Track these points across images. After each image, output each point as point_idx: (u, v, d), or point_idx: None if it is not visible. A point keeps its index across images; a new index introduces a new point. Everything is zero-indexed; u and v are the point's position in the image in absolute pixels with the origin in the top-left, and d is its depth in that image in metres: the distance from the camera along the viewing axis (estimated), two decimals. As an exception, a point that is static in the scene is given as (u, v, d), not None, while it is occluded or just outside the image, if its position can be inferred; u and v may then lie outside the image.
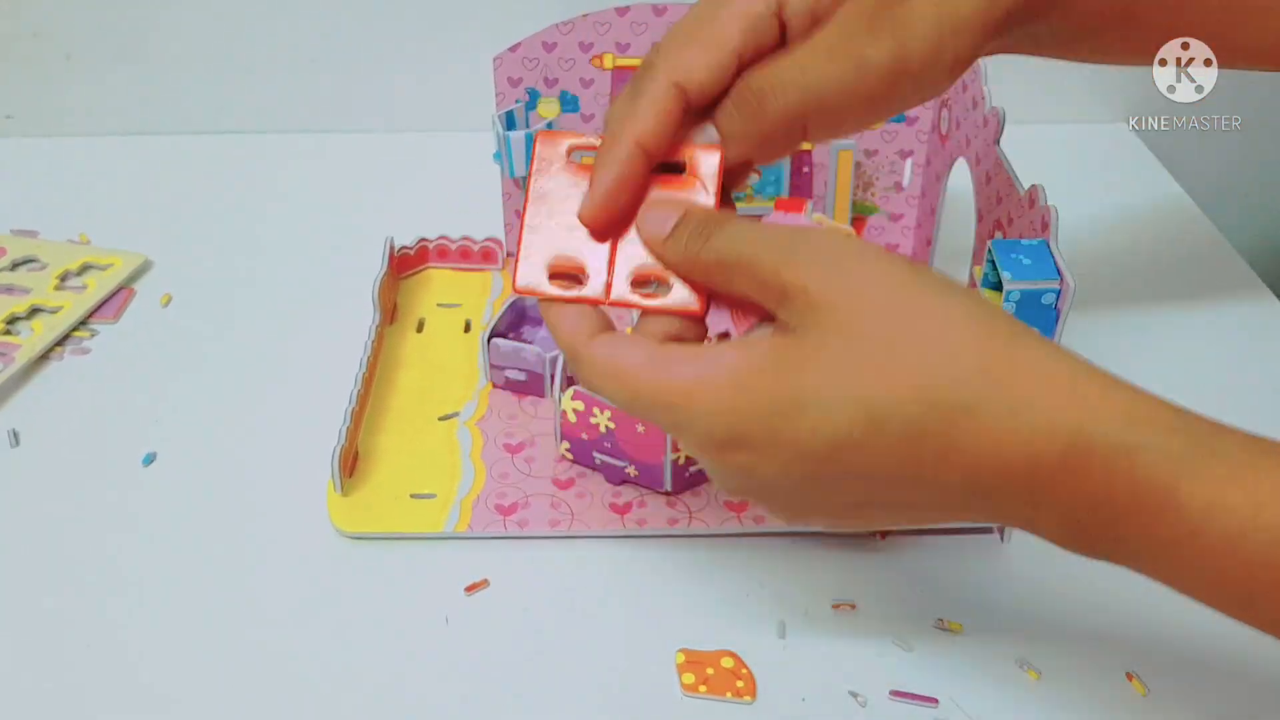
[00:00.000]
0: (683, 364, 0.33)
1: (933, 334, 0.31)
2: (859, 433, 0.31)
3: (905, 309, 0.31)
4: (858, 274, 0.32)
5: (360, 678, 0.43)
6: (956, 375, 0.30)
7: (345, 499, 0.50)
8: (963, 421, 0.30)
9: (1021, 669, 0.44)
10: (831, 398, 0.31)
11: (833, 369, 0.31)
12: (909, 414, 0.30)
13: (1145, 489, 0.29)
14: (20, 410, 0.56)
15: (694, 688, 0.42)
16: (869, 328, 0.31)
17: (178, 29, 0.77)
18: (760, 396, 0.32)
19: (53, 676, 0.43)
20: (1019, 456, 0.30)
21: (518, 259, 0.38)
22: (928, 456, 0.31)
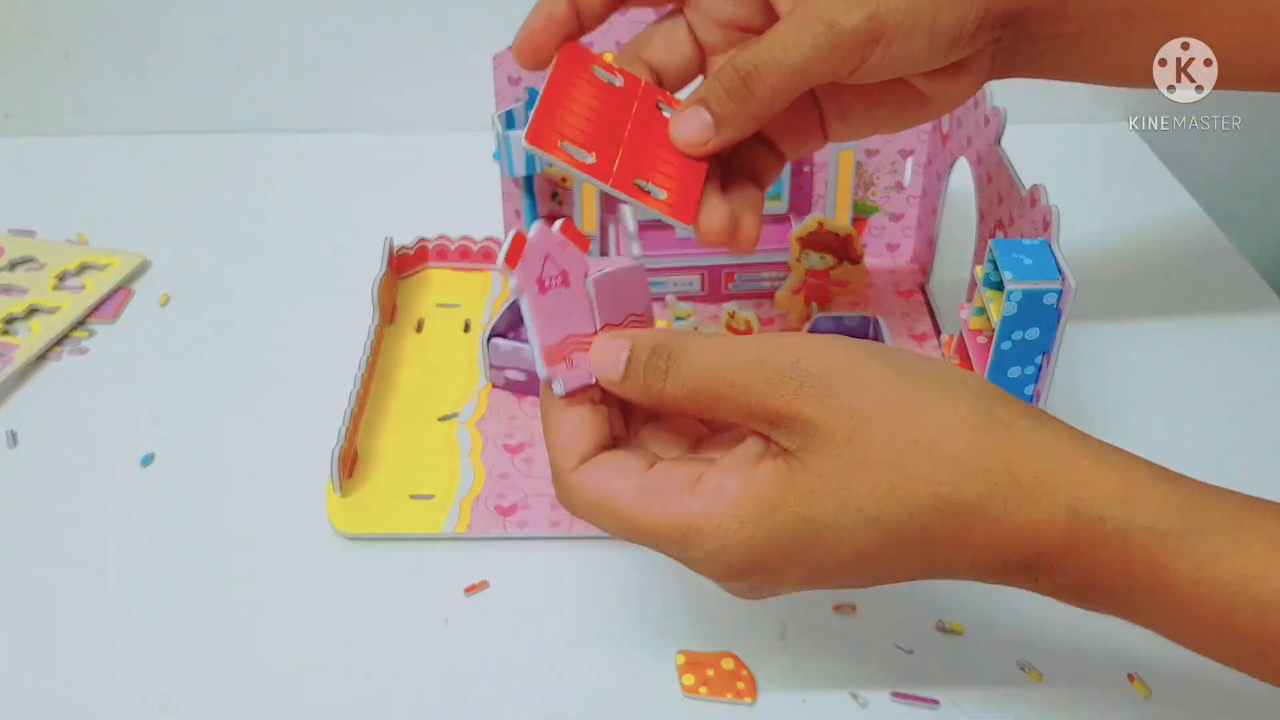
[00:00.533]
0: (682, 498, 0.33)
1: (934, 438, 0.31)
2: (875, 547, 0.32)
3: (902, 416, 0.31)
4: (847, 389, 0.32)
5: (360, 678, 0.43)
6: (963, 478, 0.31)
7: (344, 500, 0.50)
8: (971, 521, 0.31)
9: (1023, 670, 0.43)
10: (846, 522, 0.31)
11: (842, 492, 0.31)
12: (921, 522, 0.31)
13: (1139, 566, 0.31)
14: (18, 411, 0.56)
15: (694, 689, 0.42)
16: (872, 444, 0.31)
17: (177, 29, 0.77)
18: (772, 530, 0.32)
19: (52, 676, 0.43)
20: (1024, 544, 0.31)
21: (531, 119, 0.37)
22: (941, 553, 0.32)
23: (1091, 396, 0.57)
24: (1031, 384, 0.47)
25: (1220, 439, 0.55)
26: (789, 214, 0.64)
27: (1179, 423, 0.56)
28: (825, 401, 0.31)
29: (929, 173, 0.63)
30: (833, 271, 0.60)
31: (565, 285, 0.35)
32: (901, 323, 0.61)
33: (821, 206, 0.65)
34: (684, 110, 0.38)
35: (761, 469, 0.32)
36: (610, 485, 0.34)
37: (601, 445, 0.35)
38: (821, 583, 0.34)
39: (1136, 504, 0.31)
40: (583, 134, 0.37)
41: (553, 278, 0.34)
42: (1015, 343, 0.46)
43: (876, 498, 0.31)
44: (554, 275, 0.34)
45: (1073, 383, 0.57)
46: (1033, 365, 0.46)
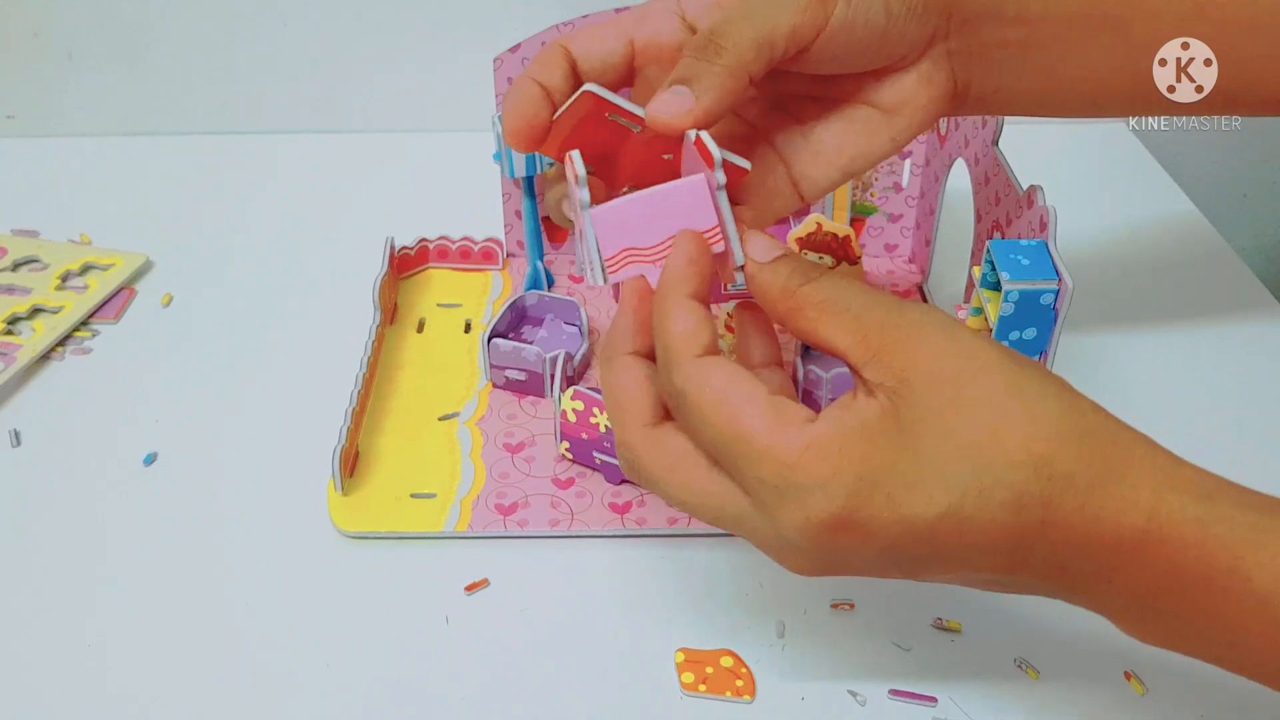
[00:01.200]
0: (801, 423, 0.31)
1: (1036, 402, 0.31)
2: (969, 505, 0.31)
3: (1007, 378, 0.31)
4: (960, 345, 0.32)
5: (361, 676, 0.43)
6: (1061, 442, 0.31)
7: (346, 499, 0.50)
8: (1062, 492, 0.31)
9: (1020, 668, 0.44)
10: (948, 468, 0.31)
11: (947, 434, 0.31)
12: (1017, 484, 0.30)
13: (1215, 559, 0.30)
14: (21, 410, 0.56)
15: (693, 687, 0.43)
16: (976, 394, 0.31)
17: (179, 29, 0.78)
18: (882, 466, 0.31)
19: (55, 674, 0.43)
20: (1108, 529, 0.31)
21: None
22: (1026, 529, 0.31)
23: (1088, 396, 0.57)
24: (1029, 384, 0.47)
25: (1217, 440, 0.55)
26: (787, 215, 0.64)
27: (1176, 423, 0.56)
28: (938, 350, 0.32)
29: (927, 174, 0.63)
30: (832, 272, 0.61)
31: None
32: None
33: (820, 207, 0.65)
34: (660, 93, 0.35)
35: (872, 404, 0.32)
36: (743, 385, 0.32)
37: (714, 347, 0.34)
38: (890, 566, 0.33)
39: (1217, 499, 0.31)
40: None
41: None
42: (1013, 343, 0.46)
43: (979, 446, 0.31)
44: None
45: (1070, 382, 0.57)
46: (1030, 365, 0.46)
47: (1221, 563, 0.30)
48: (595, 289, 0.64)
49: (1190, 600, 0.31)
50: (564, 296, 0.60)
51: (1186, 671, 0.43)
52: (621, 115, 0.36)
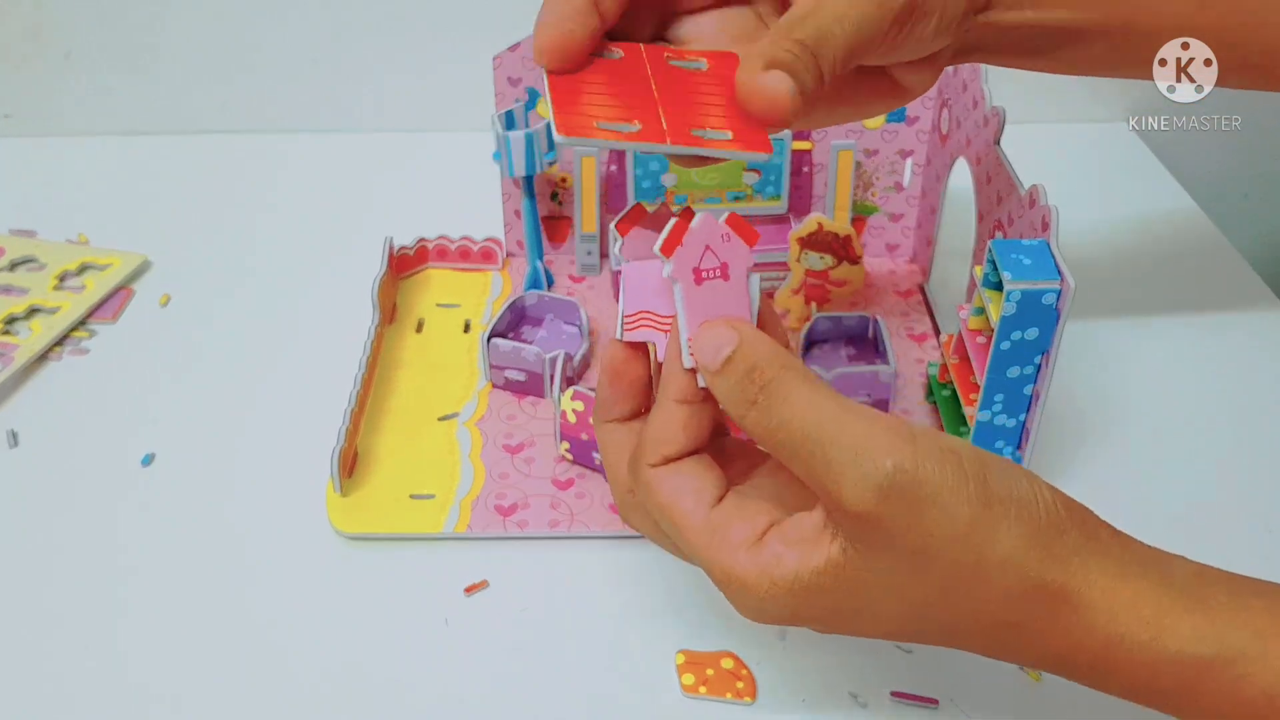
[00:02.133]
0: (739, 553, 0.34)
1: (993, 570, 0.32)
2: (913, 629, 0.35)
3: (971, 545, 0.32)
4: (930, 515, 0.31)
5: (360, 678, 0.43)
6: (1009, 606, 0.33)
7: (345, 499, 0.50)
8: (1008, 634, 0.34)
9: (1022, 670, 0.43)
10: (889, 611, 0.34)
11: (893, 591, 0.33)
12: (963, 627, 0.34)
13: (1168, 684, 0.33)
14: (19, 410, 0.56)
15: (694, 688, 0.42)
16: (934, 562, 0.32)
17: (178, 29, 0.77)
18: (814, 606, 0.34)
19: (52, 676, 0.43)
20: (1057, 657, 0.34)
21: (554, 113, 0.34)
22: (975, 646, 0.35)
23: (1090, 396, 0.57)
24: (1030, 384, 0.47)
25: (1218, 437, 0.55)
26: (788, 214, 0.64)
27: (1177, 421, 0.56)
28: (903, 518, 0.31)
29: (928, 173, 0.63)
30: (832, 272, 0.61)
31: (724, 279, 0.34)
32: (901, 323, 0.62)
33: (821, 207, 0.65)
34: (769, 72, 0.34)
35: (817, 553, 0.33)
36: (682, 503, 0.35)
37: (691, 452, 0.36)
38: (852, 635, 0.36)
39: (1166, 635, 0.32)
40: (613, 109, 0.34)
41: (710, 270, 0.34)
42: (1014, 343, 0.46)
43: (924, 600, 0.33)
44: (712, 268, 0.34)
45: (1071, 382, 0.57)
46: (1031, 365, 0.46)
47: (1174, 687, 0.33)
48: (595, 289, 0.64)
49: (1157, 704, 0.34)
50: (564, 296, 0.60)
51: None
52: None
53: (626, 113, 0.34)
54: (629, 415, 0.38)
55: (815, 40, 0.35)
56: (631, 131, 0.33)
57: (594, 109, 0.34)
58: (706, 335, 0.34)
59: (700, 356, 0.34)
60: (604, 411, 0.38)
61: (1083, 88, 0.82)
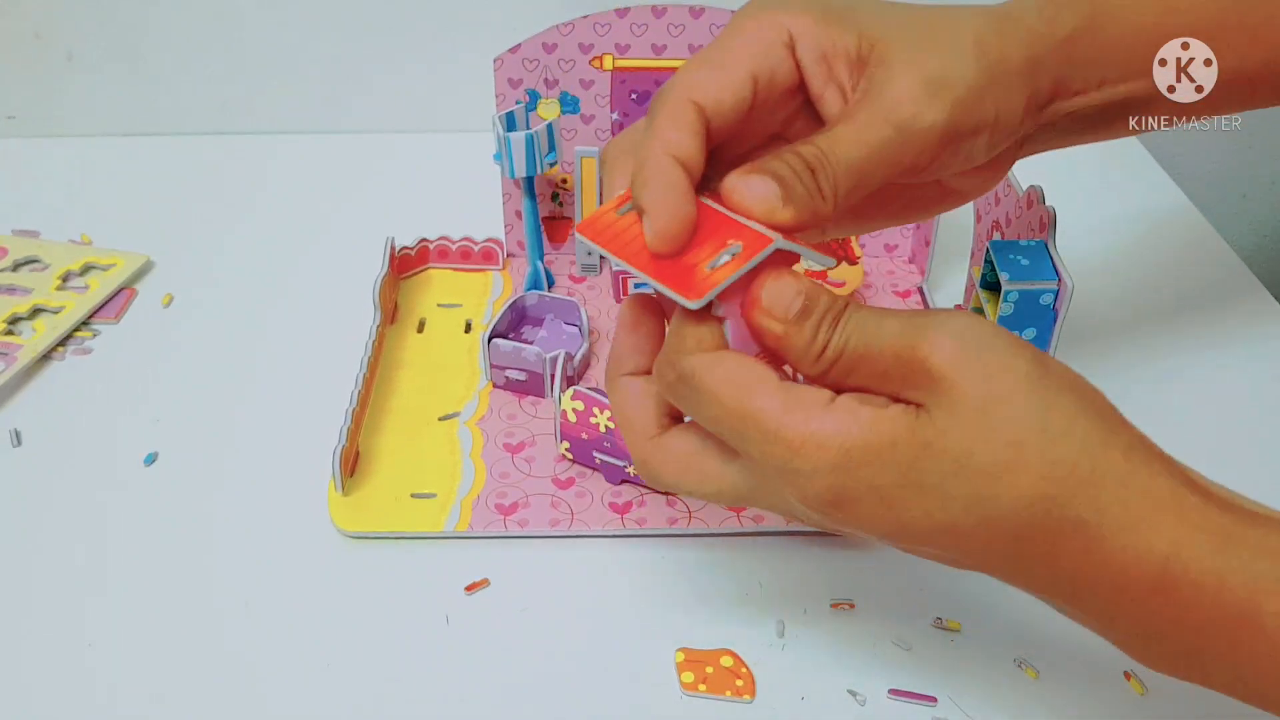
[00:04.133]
0: (814, 411, 0.31)
1: (1059, 435, 0.30)
2: (968, 526, 0.31)
3: (1036, 405, 0.31)
4: (996, 361, 0.31)
5: (361, 676, 0.43)
6: (1075, 485, 0.30)
7: (346, 498, 0.50)
8: (1071, 534, 0.30)
9: (1020, 668, 0.44)
10: (951, 490, 0.31)
11: (958, 457, 0.30)
12: (1024, 517, 0.30)
13: (1229, 606, 0.30)
14: (22, 410, 0.56)
15: (693, 686, 0.43)
16: (1000, 420, 0.30)
17: (179, 30, 0.78)
18: (883, 468, 0.31)
19: (54, 674, 0.43)
20: (1116, 574, 0.31)
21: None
22: (1026, 557, 0.31)
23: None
24: (1028, 384, 0.47)
25: (1215, 438, 0.55)
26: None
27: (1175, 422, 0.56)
28: (966, 368, 0.30)
29: (927, 174, 0.63)
30: (831, 273, 0.61)
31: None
32: (900, 323, 0.62)
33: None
34: (750, 175, 0.33)
35: (893, 409, 0.31)
36: (742, 375, 0.32)
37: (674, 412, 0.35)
38: (902, 542, 0.33)
39: (1237, 547, 0.30)
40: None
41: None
42: (1012, 343, 0.46)
43: (990, 475, 0.30)
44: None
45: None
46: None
47: (1234, 609, 0.30)
48: (595, 289, 0.64)
49: (1199, 640, 0.31)
50: (564, 297, 0.60)
51: (1186, 671, 0.43)
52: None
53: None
54: (645, 369, 0.36)
55: (815, 156, 0.33)
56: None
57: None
58: (775, 287, 0.32)
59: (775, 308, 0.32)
60: (618, 365, 0.36)
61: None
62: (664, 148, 0.32)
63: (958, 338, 0.31)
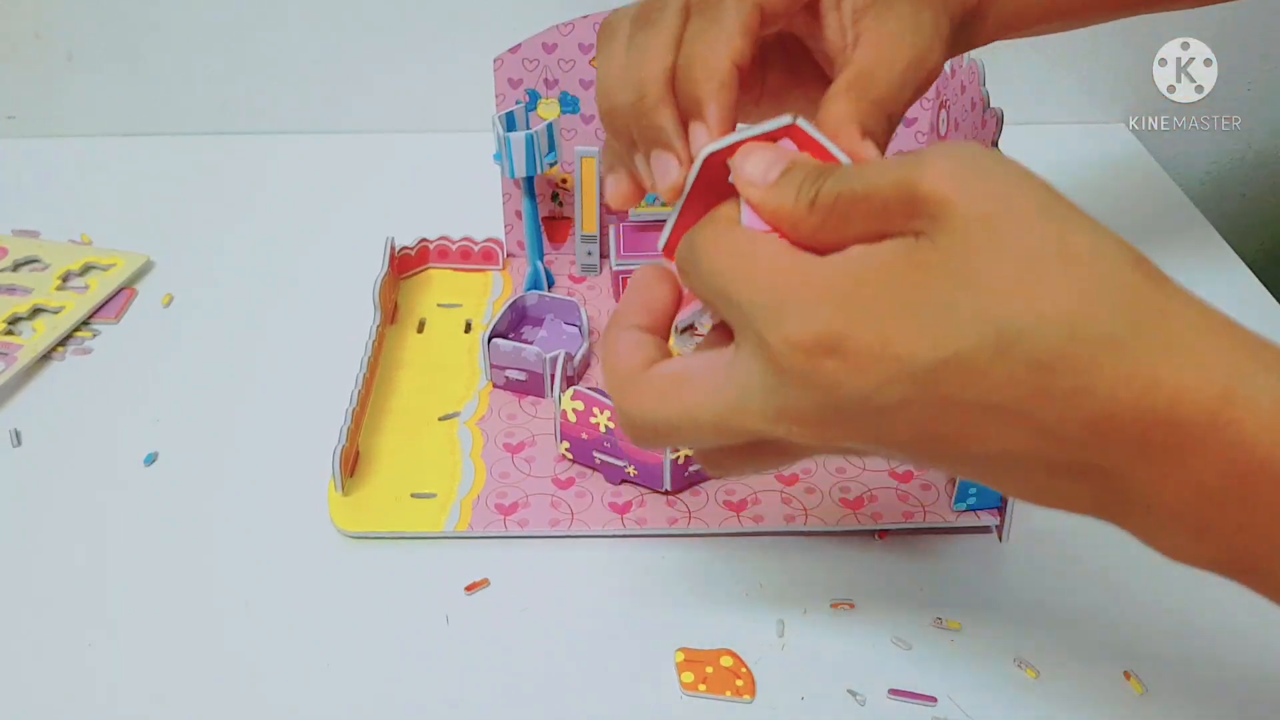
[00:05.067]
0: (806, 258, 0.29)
1: (1083, 255, 0.26)
2: (984, 355, 0.26)
3: (1052, 223, 0.27)
4: (1001, 180, 0.27)
5: (361, 676, 0.43)
6: (1108, 302, 0.26)
7: (346, 498, 0.50)
8: (1106, 358, 0.26)
9: (1020, 667, 0.44)
10: (960, 310, 0.26)
11: (966, 276, 0.26)
12: (1047, 339, 0.26)
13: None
14: (22, 410, 0.56)
15: (693, 686, 0.43)
16: (1012, 238, 0.26)
17: (179, 29, 0.78)
18: (878, 297, 0.27)
19: (55, 674, 0.43)
20: (1164, 405, 0.25)
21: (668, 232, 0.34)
22: (1055, 393, 0.26)
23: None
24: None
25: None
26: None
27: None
28: (969, 188, 0.27)
29: (927, 173, 0.63)
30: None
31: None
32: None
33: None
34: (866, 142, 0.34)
35: (889, 241, 0.28)
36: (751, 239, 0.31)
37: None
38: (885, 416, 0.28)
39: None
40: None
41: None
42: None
43: (1001, 292, 0.26)
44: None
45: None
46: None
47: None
48: (596, 289, 0.64)
49: (1266, 499, 0.26)
50: (564, 297, 0.60)
51: (1186, 671, 0.43)
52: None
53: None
54: (645, 327, 0.34)
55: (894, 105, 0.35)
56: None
57: None
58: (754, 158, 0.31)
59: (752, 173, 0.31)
60: (620, 319, 0.34)
61: (1082, 88, 0.83)
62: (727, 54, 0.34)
63: (958, 160, 0.27)
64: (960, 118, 0.57)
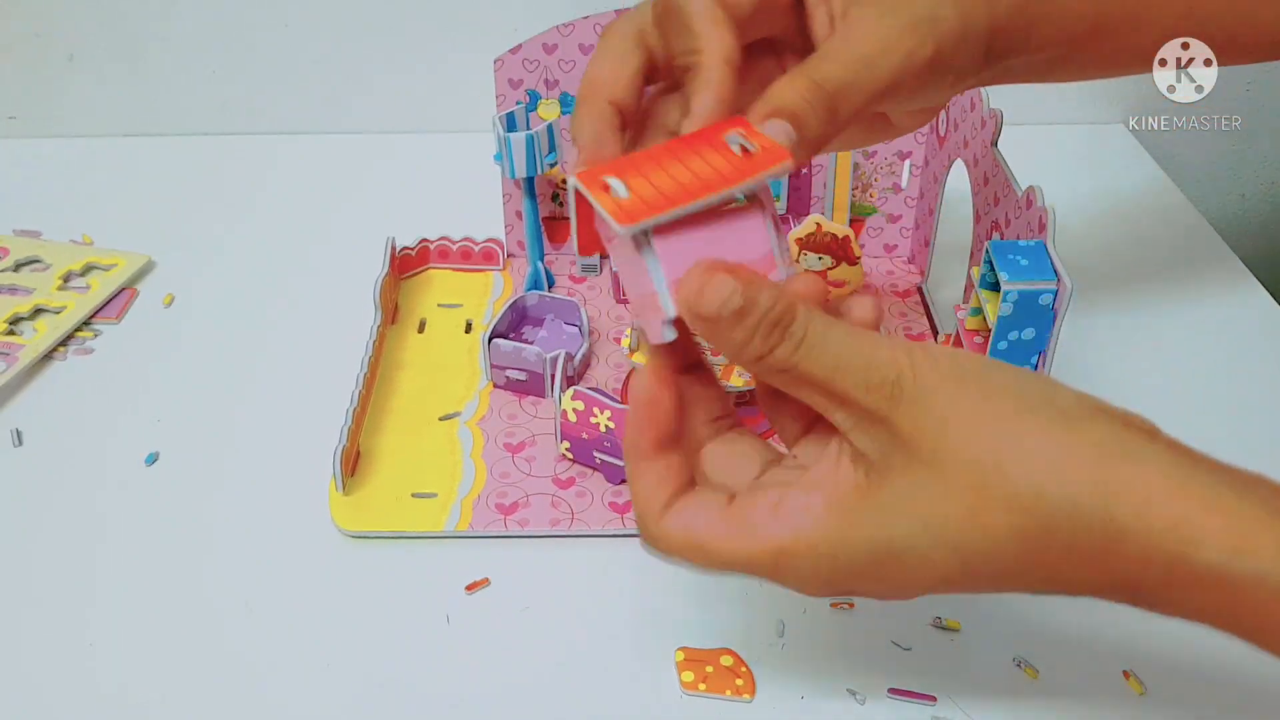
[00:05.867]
0: (767, 525, 0.32)
1: (1020, 463, 0.30)
2: (957, 573, 0.31)
3: (989, 439, 0.30)
4: (939, 410, 0.30)
5: (362, 675, 0.43)
6: (1050, 510, 0.29)
7: (347, 498, 0.50)
8: (1058, 555, 0.30)
9: (1019, 667, 0.44)
10: (925, 547, 0.30)
11: (921, 514, 0.30)
12: (1006, 551, 0.30)
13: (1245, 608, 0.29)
14: (23, 410, 0.56)
15: (693, 686, 0.43)
16: (954, 465, 0.30)
17: (179, 30, 0.78)
18: (855, 547, 0.31)
19: (56, 673, 0.43)
20: (1118, 578, 0.30)
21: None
22: (1030, 578, 0.31)
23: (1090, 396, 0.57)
24: (1027, 384, 0.47)
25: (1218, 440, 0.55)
26: (787, 215, 0.64)
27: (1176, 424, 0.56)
28: (915, 420, 0.30)
29: (926, 174, 0.63)
30: (830, 273, 0.61)
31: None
32: (899, 323, 0.62)
33: (819, 208, 0.65)
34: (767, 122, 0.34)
35: (841, 480, 0.31)
36: (696, 525, 0.33)
37: (683, 490, 0.34)
38: (910, 595, 0.33)
39: (1244, 552, 0.28)
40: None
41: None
42: (1011, 343, 0.46)
43: (957, 523, 0.30)
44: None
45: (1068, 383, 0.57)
46: (1028, 365, 0.47)
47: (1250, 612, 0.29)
48: (596, 289, 0.64)
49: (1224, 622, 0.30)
50: (564, 297, 0.60)
51: (1185, 671, 0.44)
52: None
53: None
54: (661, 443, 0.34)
55: (836, 85, 0.35)
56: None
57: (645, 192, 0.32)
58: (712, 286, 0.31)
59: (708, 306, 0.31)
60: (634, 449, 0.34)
61: (1081, 88, 0.83)
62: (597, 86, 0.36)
63: (905, 393, 0.30)
64: (959, 118, 0.57)
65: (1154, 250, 0.71)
